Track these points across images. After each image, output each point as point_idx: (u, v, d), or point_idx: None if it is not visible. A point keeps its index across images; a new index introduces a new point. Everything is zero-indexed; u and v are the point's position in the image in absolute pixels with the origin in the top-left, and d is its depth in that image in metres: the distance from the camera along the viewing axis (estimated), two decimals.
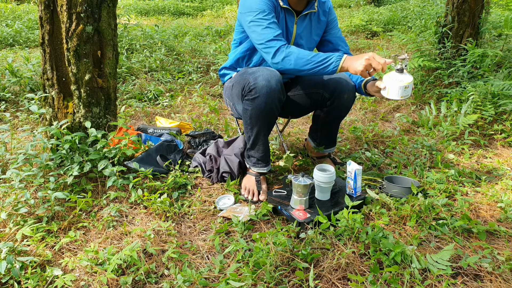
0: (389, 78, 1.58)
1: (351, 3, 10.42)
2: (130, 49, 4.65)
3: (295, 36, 1.89)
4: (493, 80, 2.87)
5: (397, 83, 1.55)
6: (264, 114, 1.73)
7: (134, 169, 1.96)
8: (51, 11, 1.93)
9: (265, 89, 1.66)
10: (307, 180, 1.65)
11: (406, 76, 1.56)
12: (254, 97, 1.69)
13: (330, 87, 1.88)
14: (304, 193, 1.66)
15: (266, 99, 1.68)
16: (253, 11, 1.70)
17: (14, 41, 5.47)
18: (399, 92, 1.56)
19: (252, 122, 1.78)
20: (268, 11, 1.70)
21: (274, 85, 1.66)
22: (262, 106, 1.69)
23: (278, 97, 1.69)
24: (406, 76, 1.56)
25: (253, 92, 1.68)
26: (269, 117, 1.76)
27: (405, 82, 1.54)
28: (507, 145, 2.43)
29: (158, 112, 3.17)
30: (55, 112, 2.07)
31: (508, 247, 1.51)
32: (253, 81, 1.68)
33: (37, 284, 1.34)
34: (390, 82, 1.57)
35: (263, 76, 1.67)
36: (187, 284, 1.33)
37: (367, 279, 1.31)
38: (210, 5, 11.47)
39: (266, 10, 1.70)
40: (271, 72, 1.68)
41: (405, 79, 1.55)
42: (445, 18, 3.53)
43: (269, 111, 1.72)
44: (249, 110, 1.74)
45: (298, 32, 1.88)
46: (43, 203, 1.71)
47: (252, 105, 1.72)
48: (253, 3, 1.72)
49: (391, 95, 1.58)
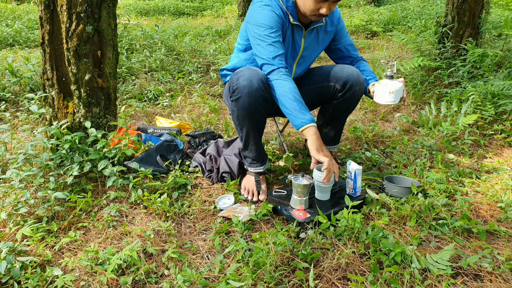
0: (379, 83, 1.72)
1: (351, 3, 10.42)
2: (130, 49, 4.65)
3: (302, 50, 1.91)
4: (493, 80, 2.87)
5: (383, 88, 1.69)
6: (250, 113, 1.73)
7: (134, 169, 1.96)
8: (51, 11, 1.93)
9: (247, 89, 1.66)
10: (307, 180, 1.65)
11: (394, 83, 1.68)
12: (237, 97, 1.70)
13: (342, 78, 1.90)
14: (304, 193, 1.66)
15: (249, 99, 1.68)
16: (261, 26, 1.71)
17: (14, 41, 5.47)
18: (384, 97, 1.70)
19: (240, 122, 1.79)
20: (275, 28, 1.71)
21: (256, 84, 1.66)
22: (246, 105, 1.70)
23: (262, 95, 1.69)
24: (394, 82, 1.69)
25: (236, 93, 1.69)
26: (255, 117, 1.76)
27: (390, 88, 1.67)
28: (507, 145, 2.43)
29: (158, 112, 3.17)
30: (55, 112, 2.07)
31: (508, 247, 1.51)
32: (235, 81, 1.69)
33: (37, 284, 1.34)
34: (378, 87, 1.72)
35: (244, 76, 1.67)
36: (187, 284, 1.33)
37: (367, 279, 1.31)
38: (210, 5, 11.47)
39: (274, 28, 1.71)
40: (253, 71, 1.68)
41: (392, 86, 1.68)
42: (445, 18, 3.53)
43: (254, 111, 1.72)
44: (235, 110, 1.75)
45: (305, 45, 1.90)
46: (43, 203, 1.71)
47: (237, 106, 1.73)
48: (262, 18, 1.72)
49: (378, 99, 1.73)
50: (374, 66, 4.22)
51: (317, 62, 4.77)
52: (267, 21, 1.71)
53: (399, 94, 1.69)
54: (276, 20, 1.72)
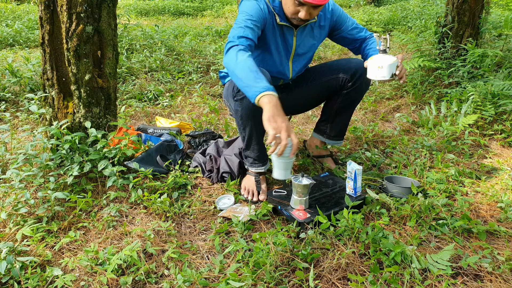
0: (371, 59, 1.66)
1: (351, 3, 10.43)
2: (130, 49, 4.65)
3: (295, 48, 1.89)
4: (493, 80, 2.86)
5: (373, 63, 1.63)
6: (254, 113, 1.72)
7: (134, 169, 1.96)
8: (51, 11, 1.93)
9: None
10: (307, 180, 1.65)
11: (385, 58, 1.61)
12: (241, 97, 1.69)
13: (351, 69, 1.91)
14: (304, 193, 1.66)
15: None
16: (241, 13, 1.72)
17: (14, 41, 5.47)
18: (373, 72, 1.64)
19: (243, 122, 1.78)
20: (255, 18, 1.70)
21: None
22: (251, 105, 1.68)
23: None
24: (385, 57, 1.61)
25: (240, 93, 1.68)
26: (259, 116, 1.75)
27: (380, 63, 1.60)
28: (507, 145, 2.43)
29: (158, 112, 3.17)
30: (55, 112, 2.07)
31: (508, 247, 1.51)
32: None
33: (37, 284, 1.34)
34: (369, 61, 1.67)
35: None
36: (187, 284, 1.33)
37: (367, 279, 1.31)
38: (210, 5, 11.47)
39: (253, 16, 1.69)
40: None
41: (382, 60, 1.60)
42: (445, 18, 3.53)
43: (258, 110, 1.72)
44: (239, 110, 1.74)
45: (297, 43, 1.88)
46: (43, 203, 1.71)
47: (241, 106, 1.72)
48: (246, 8, 1.73)
49: (368, 75, 1.68)
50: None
51: (317, 62, 4.77)
52: (249, 9, 1.70)
53: (391, 69, 1.59)
54: (258, 12, 1.71)
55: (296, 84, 2.07)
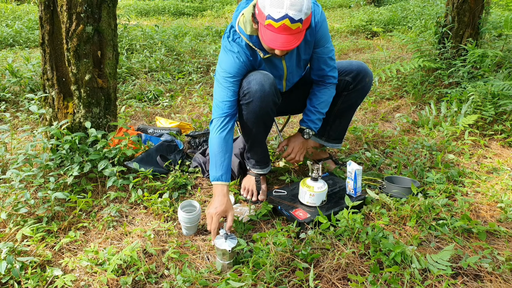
0: (304, 182, 1.74)
1: (351, 3, 10.43)
2: (130, 49, 4.65)
3: (286, 72, 1.84)
4: (493, 80, 2.86)
5: (305, 189, 1.71)
6: (259, 117, 1.72)
7: (134, 169, 1.96)
8: (51, 11, 1.93)
9: (259, 93, 1.65)
10: (231, 242, 1.41)
11: (316, 185, 1.70)
12: (248, 101, 1.69)
13: (353, 71, 1.91)
14: (227, 258, 1.41)
15: (261, 103, 1.67)
16: (221, 68, 1.71)
17: (14, 41, 5.47)
18: (305, 197, 1.72)
19: (248, 125, 1.78)
20: (233, 74, 1.68)
21: (268, 88, 1.65)
22: (257, 110, 1.69)
23: (273, 100, 1.69)
24: (317, 184, 1.70)
25: (247, 97, 1.68)
26: (264, 121, 1.76)
27: (311, 191, 1.69)
28: (507, 145, 2.43)
29: (158, 112, 3.17)
30: (55, 112, 2.07)
31: (508, 247, 1.51)
32: (246, 85, 1.67)
33: (37, 284, 1.34)
34: (301, 187, 1.74)
35: (256, 80, 1.66)
36: (187, 284, 1.33)
37: (367, 279, 1.31)
38: (210, 5, 11.48)
39: (231, 73, 1.68)
40: (265, 76, 1.67)
41: (315, 187, 1.69)
42: (445, 18, 3.53)
43: (264, 115, 1.72)
44: (245, 114, 1.74)
45: (288, 65, 1.82)
46: (43, 203, 1.71)
47: (247, 110, 1.71)
48: (224, 63, 1.70)
49: (300, 197, 1.76)
50: (374, 66, 4.22)
51: None
52: (227, 67, 1.69)
53: (321, 197, 1.70)
54: (238, 67, 1.69)
55: (297, 86, 2.06)
